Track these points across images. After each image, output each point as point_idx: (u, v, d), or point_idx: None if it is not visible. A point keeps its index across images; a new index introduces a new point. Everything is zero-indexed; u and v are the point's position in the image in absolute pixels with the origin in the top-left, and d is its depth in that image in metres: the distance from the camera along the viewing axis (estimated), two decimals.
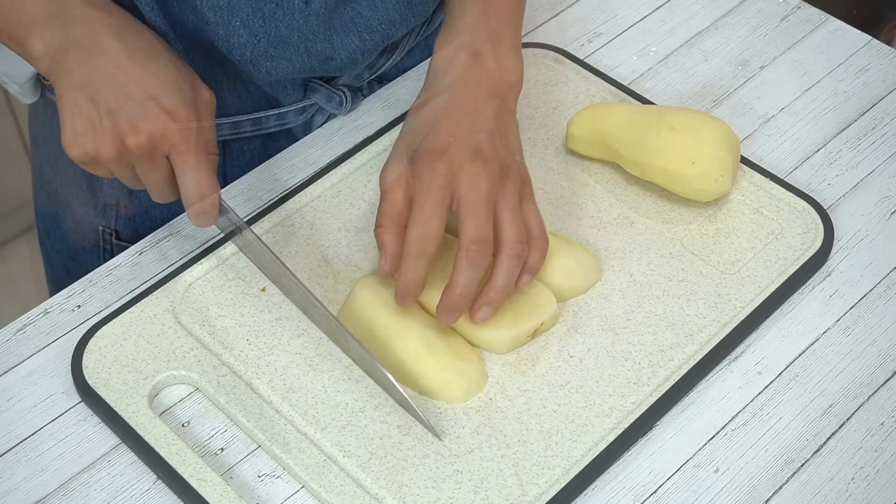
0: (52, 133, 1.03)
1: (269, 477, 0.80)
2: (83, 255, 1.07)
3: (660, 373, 0.84)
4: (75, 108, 0.80)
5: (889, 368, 0.86)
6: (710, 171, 0.91)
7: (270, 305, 0.88)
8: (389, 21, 0.95)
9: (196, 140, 0.80)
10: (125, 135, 0.79)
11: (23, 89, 1.00)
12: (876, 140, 1.01)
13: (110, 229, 1.04)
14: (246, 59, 0.92)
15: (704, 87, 1.05)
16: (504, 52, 0.90)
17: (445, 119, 0.85)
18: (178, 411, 0.83)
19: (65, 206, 1.06)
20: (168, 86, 0.80)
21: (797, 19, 1.11)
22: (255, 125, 1.00)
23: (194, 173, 0.81)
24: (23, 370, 0.86)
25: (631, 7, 1.12)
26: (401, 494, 0.78)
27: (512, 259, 0.82)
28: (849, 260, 0.93)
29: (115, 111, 0.79)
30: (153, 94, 0.79)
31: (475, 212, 0.81)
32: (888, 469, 0.81)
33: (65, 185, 1.05)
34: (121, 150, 0.80)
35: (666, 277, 0.90)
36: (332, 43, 0.94)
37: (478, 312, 0.82)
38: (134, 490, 0.80)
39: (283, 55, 0.92)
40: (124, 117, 0.79)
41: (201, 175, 0.81)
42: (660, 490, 0.80)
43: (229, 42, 0.90)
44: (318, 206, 0.94)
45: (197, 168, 0.81)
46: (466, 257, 0.80)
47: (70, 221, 1.07)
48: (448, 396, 0.82)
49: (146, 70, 0.80)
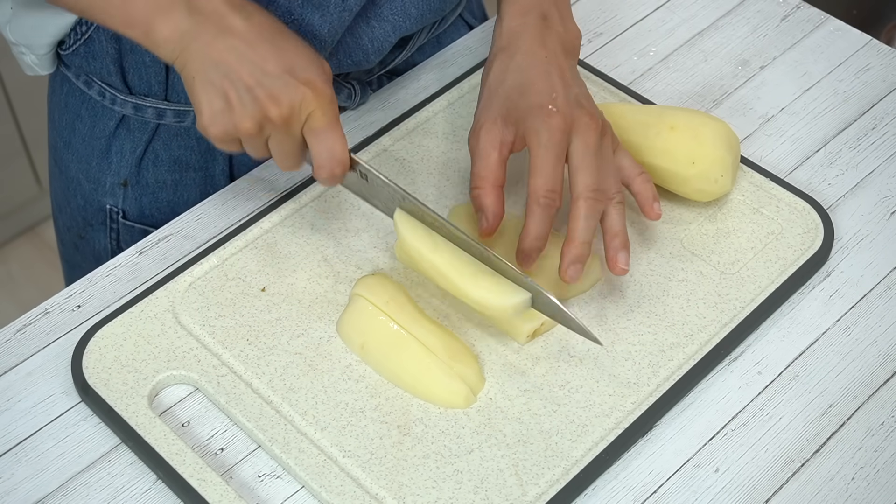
0: (66, 109, 1.04)
1: (269, 477, 0.80)
2: (91, 232, 1.08)
3: (660, 373, 0.84)
4: (211, 87, 0.82)
5: (889, 368, 0.86)
6: (710, 171, 0.91)
7: (270, 305, 0.88)
8: (405, 14, 0.97)
9: (331, 107, 0.83)
10: (267, 108, 0.81)
11: (41, 60, 1.00)
12: (876, 140, 1.01)
13: (117, 209, 1.06)
14: None
15: (704, 87, 1.05)
16: (567, 17, 0.93)
17: (540, 78, 0.88)
18: (178, 411, 0.83)
19: (75, 182, 1.07)
20: (301, 59, 0.82)
21: (797, 19, 1.11)
22: None
23: (329, 140, 0.83)
24: (23, 370, 0.86)
25: (631, 7, 1.12)
26: (401, 494, 0.78)
27: (617, 206, 0.86)
28: (849, 260, 0.93)
29: (253, 87, 0.81)
30: (288, 68, 0.81)
31: (588, 163, 0.85)
32: (888, 469, 0.81)
33: (76, 162, 1.06)
34: (262, 123, 0.82)
35: (666, 277, 0.90)
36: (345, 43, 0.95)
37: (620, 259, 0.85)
38: (134, 490, 0.80)
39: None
40: (263, 92, 0.81)
41: (335, 141, 0.83)
42: (660, 490, 0.80)
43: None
44: (318, 206, 0.94)
45: (332, 135, 0.83)
46: (585, 205, 0.84)
47: (80, 199, 1.08)
48: (449, 403, 0.82)
49: (276, 46, 0.82)
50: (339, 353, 0.85)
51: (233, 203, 0.96)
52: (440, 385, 0.82)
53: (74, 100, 1.03)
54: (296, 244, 0.92)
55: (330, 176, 0.85)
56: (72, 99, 1.03)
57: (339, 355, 0.85)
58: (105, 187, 1.05)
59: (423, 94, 1.04)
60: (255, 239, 0.92)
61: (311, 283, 0.89)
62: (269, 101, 0.81)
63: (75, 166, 1.06)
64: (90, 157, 1.04)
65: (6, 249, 2.15)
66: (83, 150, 1.04)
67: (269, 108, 0.81)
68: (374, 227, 0.93)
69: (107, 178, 1.04)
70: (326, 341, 0.86)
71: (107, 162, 1.03)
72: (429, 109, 1.01)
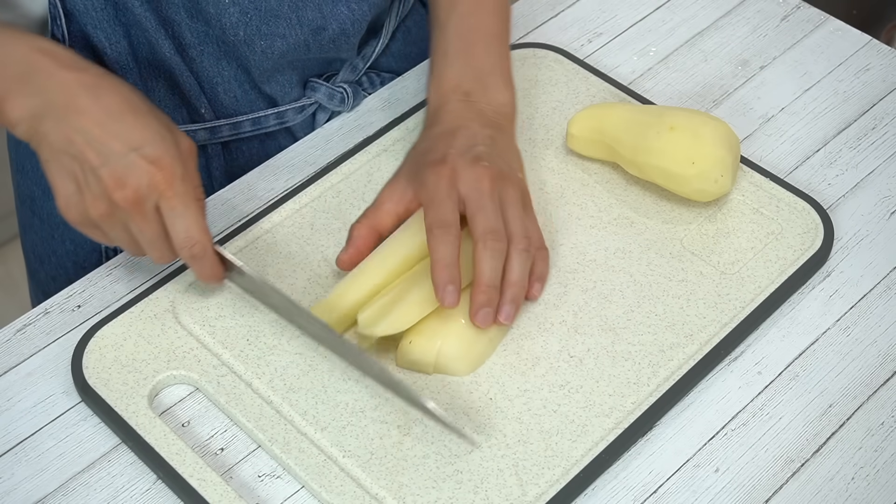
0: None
1: (269, 477, 0.80)
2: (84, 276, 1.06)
3: (660, 373, 0.84)
4: (62, 170, 0.80)
5: (889, 368, 0.86)
6: (710, 171, 0.91)
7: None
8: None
9: (182, 186, 0.80)
10: (112, 190, 0.79)
11: None
12: (876, 140, 1.01)
13: (112, 247, 1.04)
14: (240, 40, 0.92)
15: (704, 87, 1.05)
16: (493, 89, 0.94)
17: (441, 141, 0.89)
18: (178, 411, 0.83)
19: (62, 228, 1.05)
20: (149, 136, 0.79)
21: (797, 19, 1.11)
22: (255, 125, 1.00)
23: (182, 219, 0.81)
24: (23, 370, 0.86)
25: (631, 7, 1.12)
26: (401, 494, 0.78)
27: (521, 253, 0.84)
28: (849, 260, 0.93)
29: (98, 168, 0.78)
30: (135, 146, 0.79)
31: (483, 206, 0.84)
32: (888, 469, 0.81)
33: None
34: (111, 207, 0.80)
35: (666, 277, 0.90)
36: (322, 12, 0.95)
37: (501, 313, 0.84)
38: (134, 490, 0.80)
39: (276, 31, 0.93)
40: (108, 172, 0.78)
41: (189, 220, 0.81)
42: (660, 490, 0.80)
43: (222, 22, 0.91)
44: (318, 206, 0.94)
45: (185, 213, 0.80)
46: (485, 248, 0.83)
47: (69, 244, 1.06)
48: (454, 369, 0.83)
49: (125, 124, 0.79)
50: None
51: (233, 203, 0.96)
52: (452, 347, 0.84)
53: None
54: (296, 244, 0.92)
55: (190, 257, 0.82)
56: None
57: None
58: None
59: (422, 94, 1.04)
60: (255, 239, 0.92)
61: (311, 283, 0.89)
62: (113, 184, 0.78)
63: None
64: None
65: (6, 249, 2.15)
66: None
67: (113, 191, 0.78)
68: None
69: None
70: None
71: None
72: None
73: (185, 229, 0.81)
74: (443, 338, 0.83)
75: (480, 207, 0.84)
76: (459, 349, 0.83)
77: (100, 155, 0.78)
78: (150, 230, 0.81)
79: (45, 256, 1.09)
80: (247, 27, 0.92)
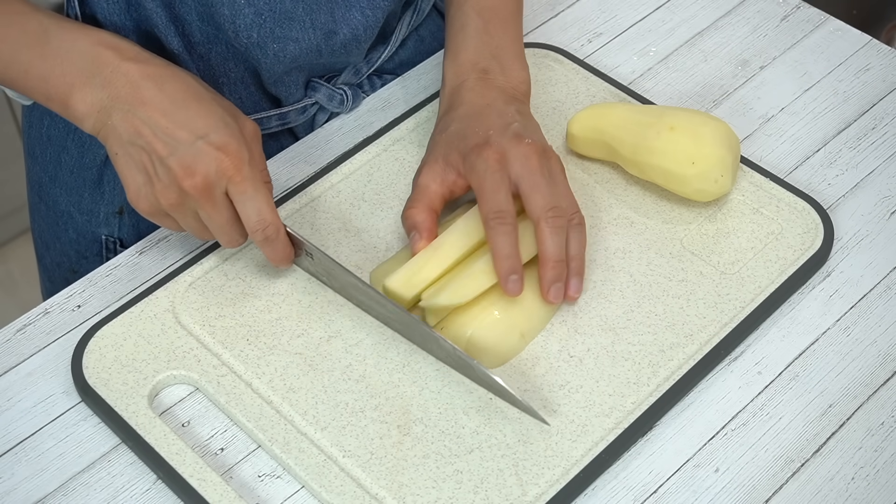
0: (50, 143, 1.03)
1: (269, 477, 0.80)
2: (86, 265, 1.06)
3: (660, 373, 0.84)
4: (131, 162, 0.81)
5: (889, 368, 0.86)
6: (710, 171, 0.91)
7: (270, 305, 0.88)
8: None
9: (250, 170, 0.81)
10: (181, 179, 0.80)
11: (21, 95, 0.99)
12: (876, 140, 1.01)
13: (114, 238, 1.04)
14: (253, 42, 0.92)
15: (704, 87, 1.05)
16: (510, 66, 0.94)
17: (476, 123, 0.89)
18: (178, 411, 0.83)
19: (66, 216, 1.06)
20: (214, 123, 0.81)
21: (797, 19, 1.11)
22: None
23: (253, 202, 0.82)
24: (23, 370, 0.86)
25: (631, 7, 1.12)
26: (401, 494, 0.78)
27: (576, 227, 0.86)
28: (849, 260, 0.93)
29: (167, 157, 0.80)
30: (201, 134, 0.80)
31: (537, 184, 0.85)
32: (888, 469, 0.81)
33: (65, 196, 1.04)
34: (181, 196, 0.81)
35: (666, 277, 0.90)
36: (335, 16, 0.95)
37: (570, 287, 0.86)
38: (134, 490, 0.80)
39: (289, 35, 0.93)
40: (176, 162, 0.80)
41: (260, 202, 0.82)
42: (660, 490, 0.80)
43: (235, 24, 0.91)
44: (318, 205, 0.94)
45: (255, 196, 0.82)
46: (547, 226, 0.84)
47: (72, 232, 1.06)
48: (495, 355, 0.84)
49: (190, 112, 0.81)
50: (339, 353, 0.85)
51: None
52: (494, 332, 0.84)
53: (58, 132, 1.02)
54: None
55: (263, 239, 0.83)
56: (55, 132, 1.02)
57: (339, 355, 0.85)
58: (99, 218, 1.04)
59: (423, 95, 1.04)
60: None
61: (311, 283, 0.89)
62: (182, 172, 0.80)
63: (65, 200, 1.05)
64: (81, 189, 1.03)
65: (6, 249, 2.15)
66: (73, 183, 1.03)
67: (183, 179, 0.80)
68: (374, 227, 0.93)
69: (100, 208, 1.03)
70: (326, 341, 0.86)
71: (99, 192, 1.02)
72: (429, 109, 1.01)
73: (258, 212, 0.82)
74: (474, 328, 0.83)
75: (534, 186, 0.85)
76: (488, 341, 0.83)
77: (167, 145, 0.80)
78: (219, 216, 0.82)
79: (51, 242, 1.10)
80: (261, 29, 0.91)
